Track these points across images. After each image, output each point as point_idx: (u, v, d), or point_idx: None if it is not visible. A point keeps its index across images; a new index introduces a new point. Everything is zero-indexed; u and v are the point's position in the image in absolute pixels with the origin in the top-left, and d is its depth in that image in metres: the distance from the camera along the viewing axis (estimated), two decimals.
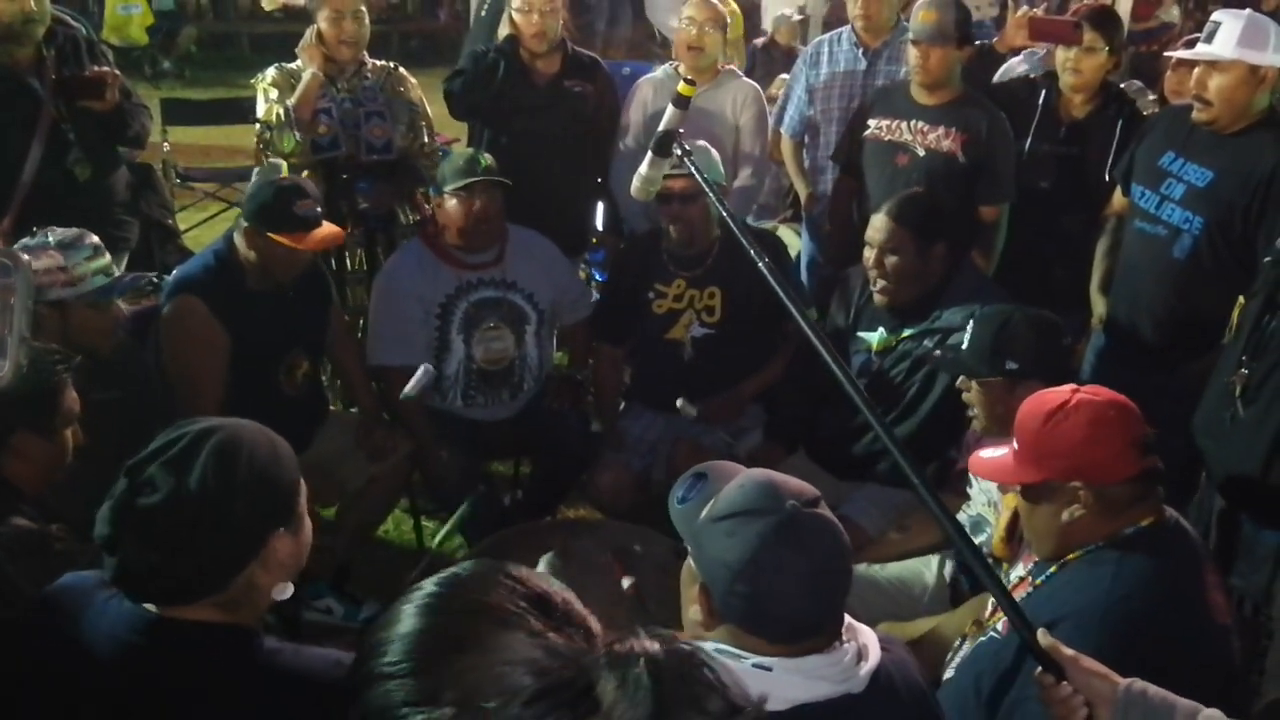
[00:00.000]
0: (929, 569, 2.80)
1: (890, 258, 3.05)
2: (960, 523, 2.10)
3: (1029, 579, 2.01)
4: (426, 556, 3.54)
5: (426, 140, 4.12)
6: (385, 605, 1.00)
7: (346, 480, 3.40)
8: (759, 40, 8.17)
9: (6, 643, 1.60)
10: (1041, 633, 1.61)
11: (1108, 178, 3.60)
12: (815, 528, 1.49)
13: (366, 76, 3.99)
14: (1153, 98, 4.47)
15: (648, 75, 4.36)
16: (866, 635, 1.57)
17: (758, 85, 4.39)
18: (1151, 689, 1.53)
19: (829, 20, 7.63)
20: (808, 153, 4.43)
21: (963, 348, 2.58)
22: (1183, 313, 3.20)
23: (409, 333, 3.48)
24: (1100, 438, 1.85)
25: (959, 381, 2.62)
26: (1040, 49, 4.40)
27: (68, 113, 3.48)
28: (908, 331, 3.12)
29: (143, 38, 11.02)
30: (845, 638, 1.53)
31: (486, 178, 3.37)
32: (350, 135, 3.91)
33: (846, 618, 1.56)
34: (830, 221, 4.24)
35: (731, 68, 4.37)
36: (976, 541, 2.28)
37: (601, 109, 4.13)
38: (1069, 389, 1.92)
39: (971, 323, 2.61)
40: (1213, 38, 2.99)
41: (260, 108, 3.88)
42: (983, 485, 2.63)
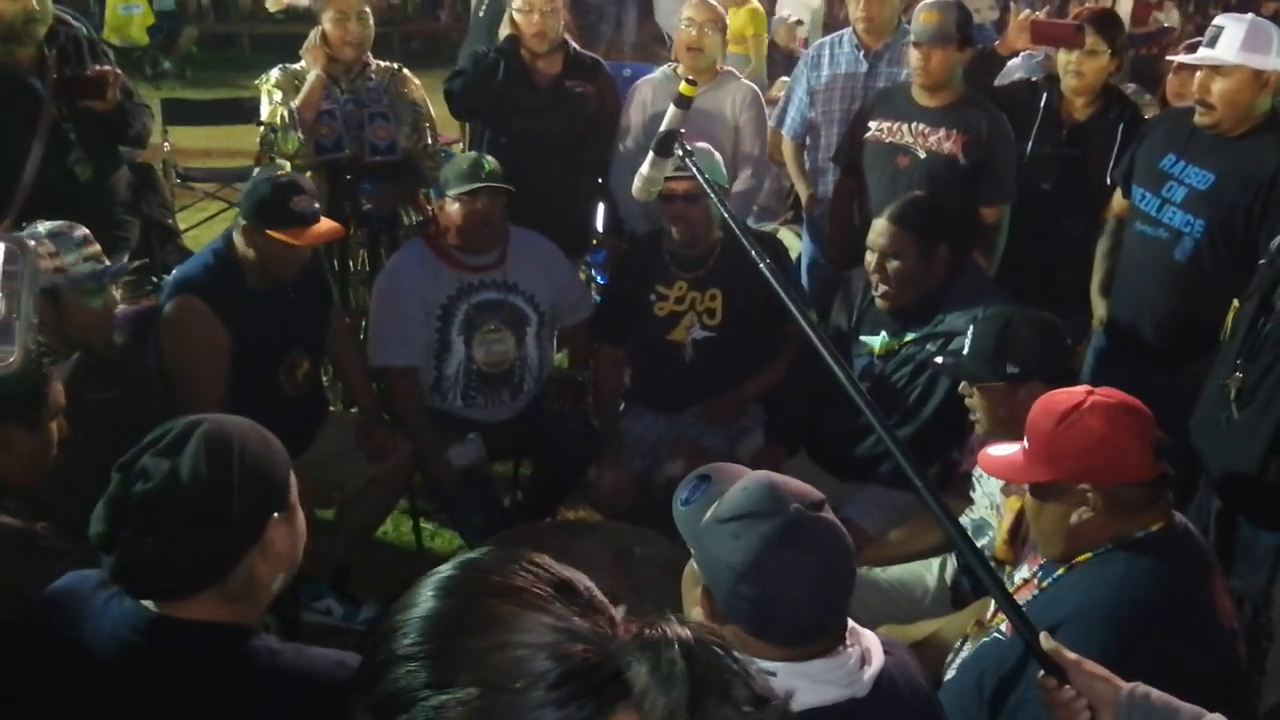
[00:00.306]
0: (930, 572, 2.79)
1: (893, 262, 3.04)
2: (962, 525, 2.10)
3: (1035, 581, 2.01)
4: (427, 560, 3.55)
5: (430, 141, 4.12)
6: (385, 606, 0.98)
7: (346, 480, 3.39)
8: None
9: (8, 643, 1.59)
10: (1044, 636, 1.61)
11: (1109, 180, 3.61)
12: (819, 531, 1.49)
13: (370, 78, 3.98)
14: (1149, 98, 4.47)
15: (647, 76, 4.36)
16: (869, 639, 1.58)
17: (755, 86, 4.39)
18: (1155, 693, 1.53)
19: (829, 23, 7.64)
20: (808, 154, 4.43)
21: (964, 352, 2.58)
22: (1184, 315, 3.20)
23: (410, 333, 3.48)
24: (1114, 441, 1.84)
25: (961, 387, 2.62)
26: (1038, 52, 4.40)
27: (69, 112, 3.48)
28: (910, 335, 3.11)
29: (143, 38, 11.01)
30: (849, 641, 1.53)
31: (490, 184, 3.36)
32: (354, 136, 3.90)
33: (849, 621, 1.56)
34: (831, 223, 4.23)
35: (730, 69, 4.37)
36: (979, 545, 2.27)
37: (602, 110, 4.13)
38: (1084, 390, 1.92)
39: (972, 326, 2.60)
40: (1215, 42, 2.98)
41: (264, 109, 3.87)
42: (986, 488, 2.62)
